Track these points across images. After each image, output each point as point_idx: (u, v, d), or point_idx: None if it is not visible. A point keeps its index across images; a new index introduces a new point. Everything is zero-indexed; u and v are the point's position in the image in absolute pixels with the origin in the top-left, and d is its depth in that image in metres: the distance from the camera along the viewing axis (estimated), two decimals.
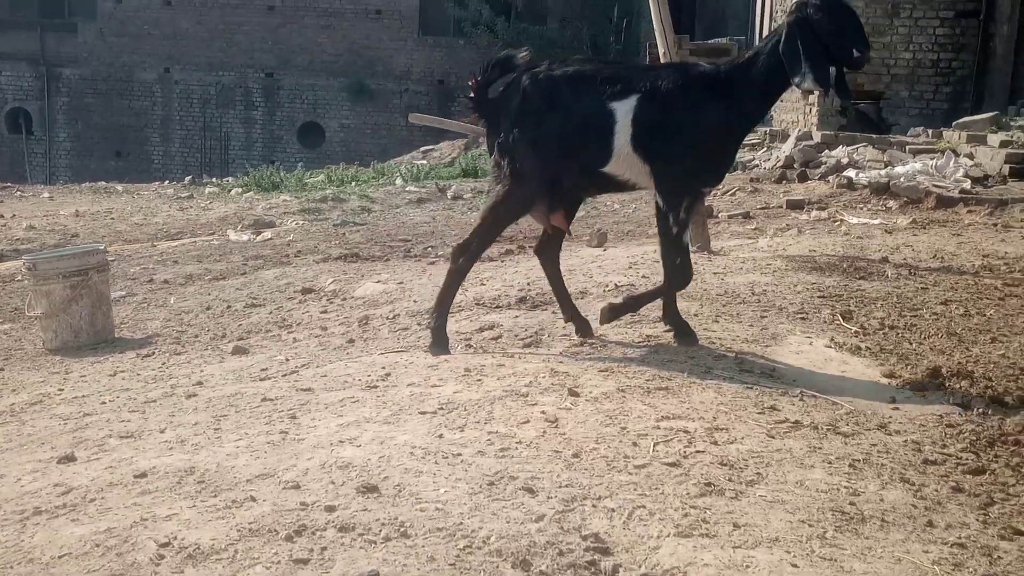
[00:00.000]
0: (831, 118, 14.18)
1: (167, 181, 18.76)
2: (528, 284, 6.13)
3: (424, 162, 17.90)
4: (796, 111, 15.40)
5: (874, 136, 12.49)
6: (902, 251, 6.98)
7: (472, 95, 4.53)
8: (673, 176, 4.41)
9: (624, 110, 4.33)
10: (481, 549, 2.49)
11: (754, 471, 3.01)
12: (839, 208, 9.27)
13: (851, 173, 10.37)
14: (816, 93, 4.34)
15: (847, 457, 3.14)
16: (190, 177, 19.14)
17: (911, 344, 4.60)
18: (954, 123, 12.28)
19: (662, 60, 7.01)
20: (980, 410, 3.64)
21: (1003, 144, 10.53)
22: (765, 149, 13.52)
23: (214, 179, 18.48)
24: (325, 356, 4.98)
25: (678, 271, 4.53)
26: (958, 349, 4.51)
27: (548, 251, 4.86)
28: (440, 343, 4.58)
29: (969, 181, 9.65)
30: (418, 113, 23.65)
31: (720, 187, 9.81)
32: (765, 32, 18.29)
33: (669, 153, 4.37)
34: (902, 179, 9.69)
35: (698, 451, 3.15)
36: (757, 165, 12.42)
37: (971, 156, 10.62)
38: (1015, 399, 3.79)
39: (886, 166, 10.63)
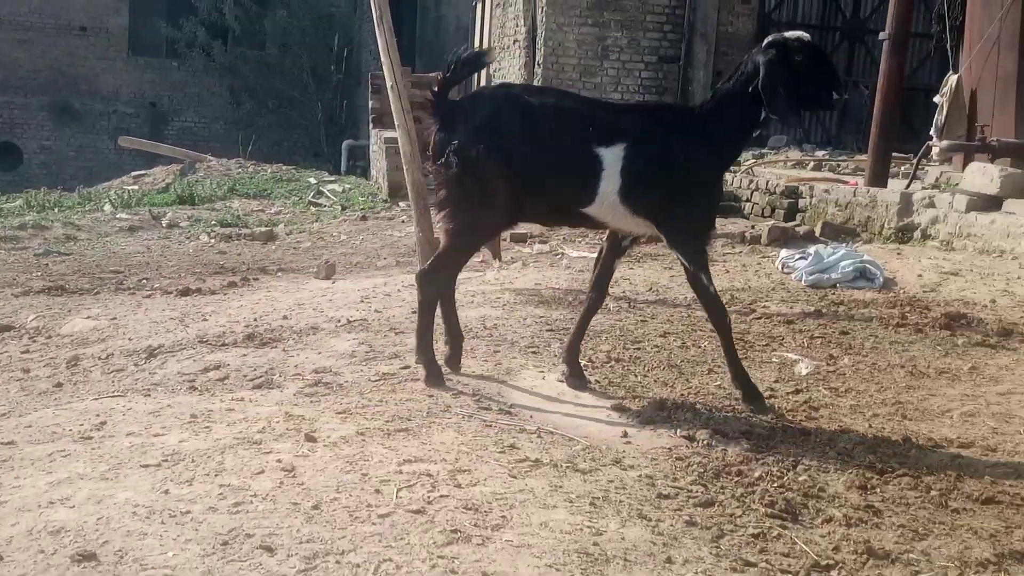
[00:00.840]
0: None
1: None
2: (255, 319, 5.88)
3: (136, 188, 16.94)
4: None
5: None
6: (620, 284, 7.26)
7: (435, 91, 4.21)
8: (693, 234, 4.29)
9: (612, 158, 4.15)
10: None
11: (499, 514, 2.97)
12: (559, 242, 9.58)
13: None
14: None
15: (587, 495, 3.17)
16: None
17: (636, 377, 4.76)
18: None
19: (390, 91, 6.88)
20: (705, 441, 3.80)
21: None
22: None
23: None
24: (29, 403, 4.52)
25: (722, 317, 4.36)
26: (679, 381, 4.71)
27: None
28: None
29: None
30: (129, 136, 22.55)
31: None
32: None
33: (680, 214, 4.26)
34: None
35: (442, 496, 3.08)
36: None
37: None
38: (734, 430, 3.98)
39: None
